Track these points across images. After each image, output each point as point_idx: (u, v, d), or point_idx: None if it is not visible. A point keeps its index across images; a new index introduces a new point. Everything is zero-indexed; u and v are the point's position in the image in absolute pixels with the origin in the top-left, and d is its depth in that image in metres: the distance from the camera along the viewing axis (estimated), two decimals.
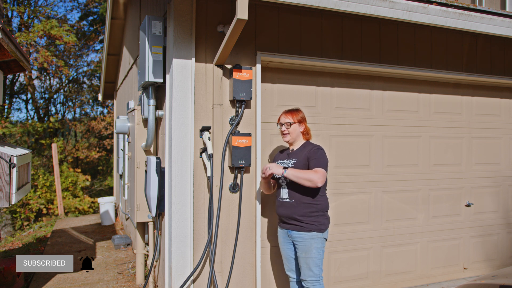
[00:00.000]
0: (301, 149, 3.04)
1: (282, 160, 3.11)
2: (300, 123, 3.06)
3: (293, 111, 3.10)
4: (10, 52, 3.35)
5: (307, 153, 2.95)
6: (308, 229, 2.89)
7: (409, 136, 4.22)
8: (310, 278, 2.89)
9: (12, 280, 4.19)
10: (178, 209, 3.16)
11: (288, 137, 3.07)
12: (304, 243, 2.90)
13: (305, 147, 3.04)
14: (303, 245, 2.91)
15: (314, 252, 2.89)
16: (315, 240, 2.89)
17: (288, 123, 3.04)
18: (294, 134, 3.05)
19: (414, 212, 4.22)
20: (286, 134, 3.07)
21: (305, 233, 2.90)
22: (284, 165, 3.01)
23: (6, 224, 11.70)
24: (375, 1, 3.13)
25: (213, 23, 3.29)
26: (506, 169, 4.73)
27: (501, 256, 4.68)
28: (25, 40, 12.40)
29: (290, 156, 3.06)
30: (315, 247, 2.89)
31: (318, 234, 2.90)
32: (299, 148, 3.06)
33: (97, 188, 15.09)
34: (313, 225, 2.90)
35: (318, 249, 2.90)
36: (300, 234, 2.92)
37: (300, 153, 3.01)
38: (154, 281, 3.97)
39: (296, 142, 3.09)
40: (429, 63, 4.17)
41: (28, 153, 3.91)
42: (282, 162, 3.07)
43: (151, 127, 3.65)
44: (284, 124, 3.06)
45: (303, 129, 3.08)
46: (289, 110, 3.12)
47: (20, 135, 14.03)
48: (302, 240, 2.91)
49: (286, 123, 3.04)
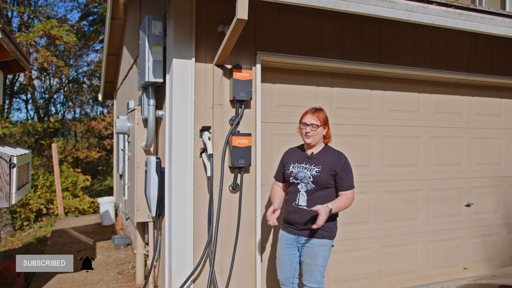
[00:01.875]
0: (322, 153, 2.88)
1: (300, 163, 2.91)
2: (324, 125, 2.88)
3: (319, 111, 2.89)
4: (10, 52, 3.35)
5: (335, 164, 2.80)
6: (320, 236, 2.80)
7: (409, 136, 4.22)
8: (311, 285, 2.83)
9: (12, 280, 4.19)
10: (178, 209, 3.16)
11: (311, 139, 2.85)
12: (312, 249, 2.81)
13: (327, 152, 2.89)
14: (310, 251, 2.81)
15: (319, 259, 2.80)
16: (324, 247, 2.81)
17: (314, 125, 2.82)
18: (317, 137, 2.86)
19: (414, 212, 4.22)
20: (309, 136, 2.85)
21: (316, 239, 2.80)
22: (305, 170, 2.84)
23: (6, 224, 11.70)
24: (375, 1, 3.13)
25: (213, 23, 3.29)
26: (506, 169, 4.73)
27: (501, 256, 4.68)
28: (25, 40, 12.40)
29: (311, 162, 2.86)
30: (322, 254, 2.81)
31: (328, 241, 2.82)
32: (320, 153, 2.89)
33: (97, 188, 15.09)
34: (325, 231, 2.80)
35: (324, 257, 2.82)
36: (310, 240, 2.82)
37: (323, 160, 2.84)
38: (154, 281, 3.97)
39: (316, 145, 2.91)
40: (429, 63, 4.17)
41: (28, 153, 3.91)
42: (301, 166, 2.88)
43: (151, 127, 3.65)
44: (309, 125, 2.83)
45: (326, 132, 2.91)
46: (315, 110, 2.90)
47: (20, 135, 14.03)
48: (311, 246, 2.81)
49: (312, 125, 2.83)
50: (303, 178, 2.83)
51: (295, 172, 2.88)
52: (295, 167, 2.91)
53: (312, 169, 2.83)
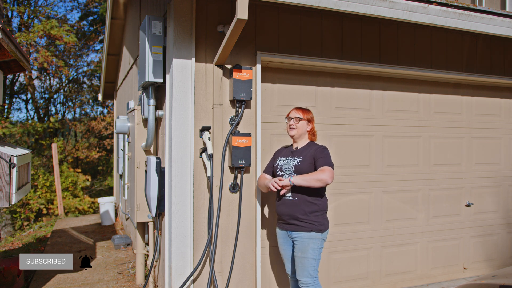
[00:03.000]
0: (306, 148, 3.05)
1: (286, 157, 3.10)
2: (308, 121, 3.08)
3: (304, 109, 3.12)
4: (10, 52, 3.35)
5: (313, 152, 2.96)
6: (308, 229, 2.89)
7: (409, 136, 4.22)
8: (304, 279, 2.88)
9: (12, 280, 4.19)
10: (178, 209, 3.16)
11: (294, 132, 3.06)
12: (302, 243, 2.90)
13: (310, 146, 3.05)
14: (300, 245, 2.91)
15: (310, 252, 2.87)
16: (313, 240, 2.89)
17: (297, 118, 3.05)
18: (301, 130, 3.05)
19: (414, 212, 4.22)
20: (292, 128, 3.06)
21: (304, 233, 2.90)
22: (289, 162, 3.02)
23: (6, 224, 11.70)
24: (375, 1, 3.13)
25: (213, 23, 3.29)
26: (506, 169, 4.73)
27: (501, 256, 4.68)
28: (25, 40, 12.40)
29: (295, 154, 3.06)
30: (312, 247, 2.88)
31: (317, 234, 2.90)
32: (303, 147, 3.07)
33: (97, 188, 15.09)
34: (313, 224, 2.90)
35: (315, 250, 2.89)
36: (299, 234, 2.92)
37: (305, 151, 3.02)
38: (154, 281, 3.97)
39: (300, 140, 3.10)
40: (429, 63, 4.17)
41: (28, 153, 3.91)
42: (286, 159, 3.07)
43: (151, 127, 3.65)
44: (293, 118, 3.06)
45: (310, 128, 3.10)
46: (301, 107, 3.14)
47: (20, 135, 14.03)
48: (300, 240, 2.91)
49: (296, 118, 3.05)
50: (287, 169, 3.02)
51: (281, 165, 3.08)
52: (281, 160, 3.11)
53: (295, 160, 3.02)
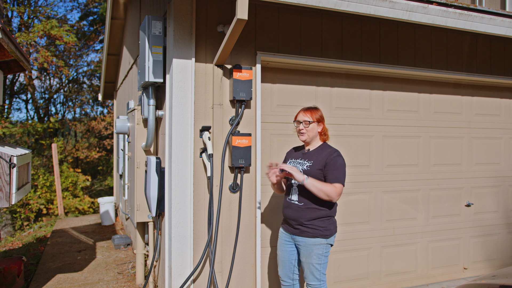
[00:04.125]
0: (318, 151, 2.90)
1: (296, 159, 2.97)
2: (318, 122, 2.90)
3: (312, 109, 2.94)
4: (10, 52, 3.35)
5: (326, 158, 2.80)
6: (312, 235, 2.80)
7: (409, 136, 4.22)
8: (312, 282, 2.84)
9: (12, 280, 4.19)
10: (178, 209, 3.16)
11: (305, 136, 2.90)
12: (306, 248, 2.82)
13: (323, 149, 2.89)
14: (305, 250, 2.83)
15: (314, 258, 2.81)
16: (317, 246, 2.81)
17: (306, 121, 2.88)
18: (312, 133, 2.89)
19: (414, 212, 4.22)
20: (303, 133, 2.90)
21: (309, 238, 2.81)
22: (299, 165, 2.89)
23: (6, 224, 11.70)
24: (375, 1, 3.13)
25: (213, 23, 3.29)
26: (506, 169, 4.73)
27: (501, 256, 4.68)
28: (25, 40, 12.39)
29: (306, 157, 2.92)
30: (316, 253, 2.80)
31: (322, 240, 2.81)
32: (316, 150, 2.91)
33: (97, 188, 15.09)
34: (318, 230, 2.80)
35: (319, 255, 2.81)
36: (304, 239, 2.83)
37: (317, 155, 2.86)
38: (154, 281, 3.97)
39: (312, 142, 2.94)
40: (429, 63, 4.17)
41: (28, 153, 3.91)
42: (296, 162, 2.95)
43: (151, 127, 3.65)
44: (302, 122, 2.89)
45: (321, 129, 2.92)
46: (308, 108, 2.96)
47: (20, 135, 14.03)
48: (304, 245, 2.83)
49: (305, 121, 2.88)
50: None
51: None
52: (292, 163, 2.98)
53: (304, 164, 2.88)
